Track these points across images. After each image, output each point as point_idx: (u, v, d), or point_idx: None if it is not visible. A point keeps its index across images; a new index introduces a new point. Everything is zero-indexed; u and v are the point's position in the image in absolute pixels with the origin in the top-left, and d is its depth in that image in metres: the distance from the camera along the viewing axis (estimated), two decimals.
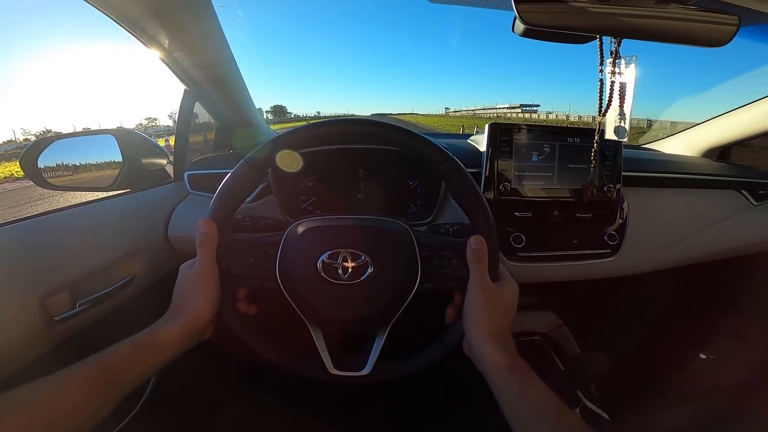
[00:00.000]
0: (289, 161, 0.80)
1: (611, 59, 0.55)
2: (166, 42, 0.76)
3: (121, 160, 0.84)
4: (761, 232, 0.97)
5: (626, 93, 0.58)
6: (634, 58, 0.56)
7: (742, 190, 0.99)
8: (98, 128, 0.83)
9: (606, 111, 0.58)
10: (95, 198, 0.79)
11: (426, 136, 0.55)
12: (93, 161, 0.85)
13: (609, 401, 0.91)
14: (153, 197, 0.85)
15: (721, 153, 1.16)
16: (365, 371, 0.56)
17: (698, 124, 1.16)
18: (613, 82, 0.56)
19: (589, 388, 0.91)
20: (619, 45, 0.54)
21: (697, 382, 1.03)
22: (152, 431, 0.80)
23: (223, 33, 0.82)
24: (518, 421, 0.45)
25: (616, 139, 0.61)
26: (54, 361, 0.67)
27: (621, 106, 0.58)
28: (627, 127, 0.60)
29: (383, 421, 0.94)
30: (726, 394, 0.97)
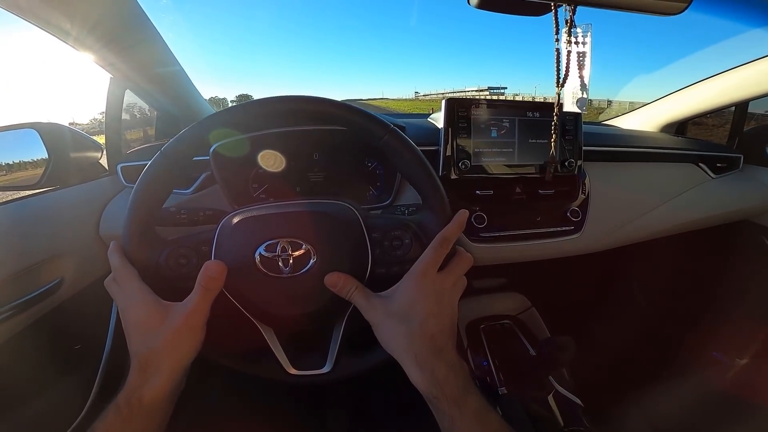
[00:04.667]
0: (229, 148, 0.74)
1: (566, 28, 0.52)
2: (75, 32, 0.68)
3: (46, 155, 0.75)
4: (721, 204, 0.98)
5: (585, 63, 0.55)
6: (589, 26, 0.53)
7: (700, 164, 1.00)
8: (16, 123, 0.74)
9: (564, 82, 0.55)
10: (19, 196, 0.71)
11: (364, 109, 0.50)
12: (16, 159, 0.77)
13: (581, 386, 0.90)
14: (82, 193, 0.77)
15: (678, 128, 1.17)
16: (326, 369, 0.52)
17: (655, 100, 1.17)
18: (569, 52, 0.54)
19: (560, 372, 0.90)
20: (573, 13, 0.52)
21: (667, 359, 1.04)
22: None
23: (145, 17, 0.74)
24: None
25: (576, 111, 0.58)
26: None
27: (580, 76, 0.56)
28: (587, 96, 0.58)
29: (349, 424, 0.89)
30: (697, 371, 0.98)
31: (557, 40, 0.53)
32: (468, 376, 0.42)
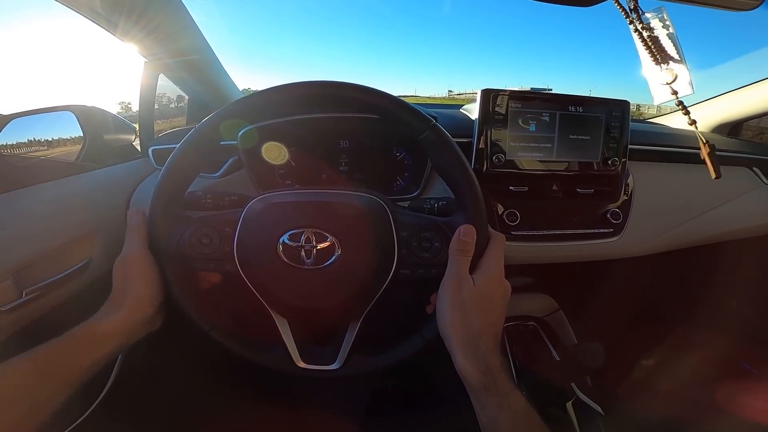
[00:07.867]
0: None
1: (636, 16, 0.50)
2: (114, 17, 0.70)
3: (82, 136, 0.78)
4: None
5: (676, 43, 0.51)
6: (663, 8, 0.50)
7: (754, 168, 0.92)
8: (56, 105, 0.76)
9: (662, 61, 0.52)
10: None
11: (405, 101, 0.48)
12: (54, 139, 0.79)
13: (604, 394, 0.86)
14: (114, 174, 0.78)
15: (732, 129, 1.09)
16: (335, 366, 0.50)
17: (708, 99, 1.09)
18: (651, 38, 0.51)
19: (584, 379, 0.87)
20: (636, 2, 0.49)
21: (698, 374, 0.98)
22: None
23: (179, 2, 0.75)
24: None
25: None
26: (2, 356, 0.62)
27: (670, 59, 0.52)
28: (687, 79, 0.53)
29: (362, 418, 0.88)
30: (727, 389, 0.92)
31: (631, 22, 0.50)
32: (512, 375, 0.44)
